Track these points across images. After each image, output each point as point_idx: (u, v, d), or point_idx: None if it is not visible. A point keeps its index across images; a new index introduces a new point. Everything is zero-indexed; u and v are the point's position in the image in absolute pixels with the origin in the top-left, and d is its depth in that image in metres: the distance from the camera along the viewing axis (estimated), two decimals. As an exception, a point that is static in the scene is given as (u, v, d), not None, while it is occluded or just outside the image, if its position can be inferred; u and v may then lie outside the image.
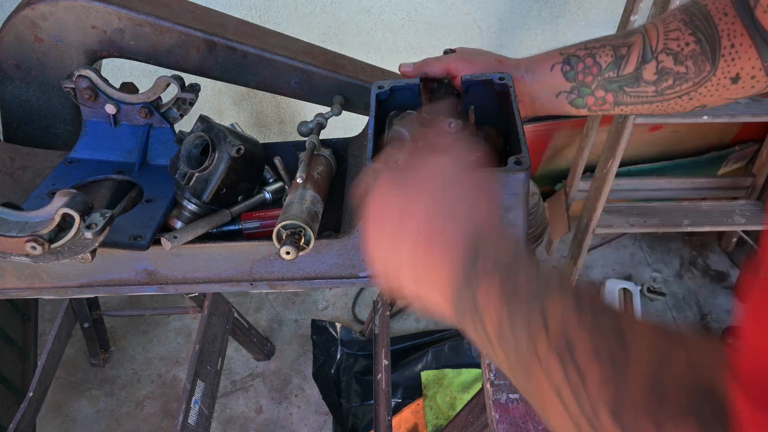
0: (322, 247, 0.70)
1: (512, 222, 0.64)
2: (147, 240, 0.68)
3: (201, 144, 0.74)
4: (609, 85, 0.67)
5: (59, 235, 0.59)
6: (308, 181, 0.70)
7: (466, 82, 0.71)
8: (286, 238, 0.62)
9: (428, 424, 1.72)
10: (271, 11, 1.66)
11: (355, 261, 0.71)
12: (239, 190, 0.76)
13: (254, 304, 2.11)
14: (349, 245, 0.69)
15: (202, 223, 0.72)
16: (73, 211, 0.58)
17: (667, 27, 0.64)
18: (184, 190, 0.73)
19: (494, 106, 0.73)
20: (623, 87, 0.66)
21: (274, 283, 0.74)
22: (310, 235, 0.64)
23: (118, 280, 0.76)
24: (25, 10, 0.80)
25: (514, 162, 0.60)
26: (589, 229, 1.77)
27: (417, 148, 0.51)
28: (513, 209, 0.63)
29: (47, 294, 0.78)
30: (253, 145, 0.76)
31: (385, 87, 0.72)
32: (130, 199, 0.78)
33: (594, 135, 1.80)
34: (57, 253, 0.60)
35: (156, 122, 0.81)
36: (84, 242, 0.60)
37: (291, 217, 0.63)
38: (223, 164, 0.71)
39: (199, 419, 1.29)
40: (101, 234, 0.59)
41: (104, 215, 0.60)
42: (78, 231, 0.59)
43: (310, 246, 0.64)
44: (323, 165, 0.76)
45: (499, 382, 0.75)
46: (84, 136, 0.83)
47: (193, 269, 0.74)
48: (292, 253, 0.62)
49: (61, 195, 0.59)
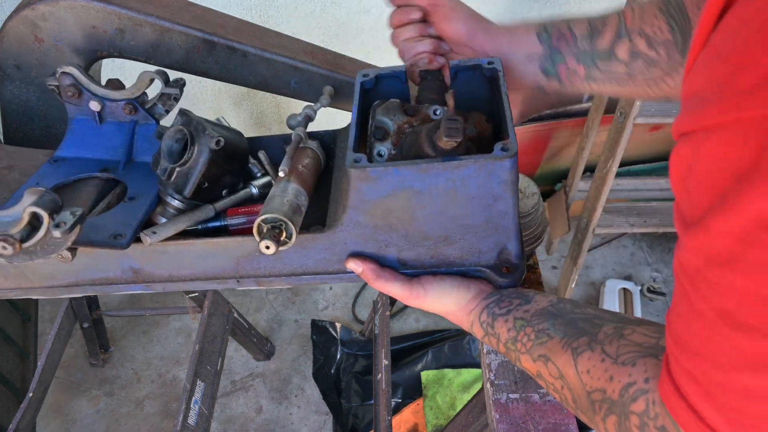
0: (307, 242, 0.69)
1: (502, 211, 0.62)
2: (127, 239, 0.67)
3: (182, 138, 0.73)
4: (582, 56, 0.66)
5: (31, 234, 0.58)
6: (292, 174, 0.69)
7: (454, 67, 0.69)
8: (267, 232, 0.61)
9: (428, 424, 1.72)
10: (271, 11, 1.66)
11: (342, 255, 0.69)
12: (223, 184, 0.75)
13: (254, 304, 2.11)
14: (335, 239, 0.67)
15: (183, 218, 0.71)
16: (40, 209, 0.56)
17: (643, 10, 0.64)
18: (166, 187, 0.72)
19: (483, 92, 0.71)
20: (595, 61, 0.66)
21: (261, 280, 0.73)
22: (291, 229, 0.62)
23: (104, 279, 0.75)
24: (25, 11, 0.80)
25: (500, 148, 0.58)
26: (589, 229, 1.77)
27: None
28: (502, 198, 0.61)
29: (35, 294, 0.78)
30: (235, 136, 0.75)
31: (370, 75, 0.70)
32: (114, 197, 0.77)
33: (594, 135, 1.80)
34: (30, 253, 0.59)
35: (141, 119, 0.80)
36: (55, 242, 0.59)
37: (270, 211, 0.62)
38: (203, 157, 0.70)
39: (199, 419, 1.29)
40: (71, 233, 0.58)
41: (74, 213, 0.58)
42: (48, 230, 0.57)
43: (293, 240, 0.63)
44: (309, 158, 0.75)
45: (499, 382, 0.75)
46: (69, 134, 0.82)
47: (179, 267, 0.73)
48: (271, 248, 0.60)
49: (30, 193, 0.57)
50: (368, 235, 0.66)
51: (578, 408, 0.51)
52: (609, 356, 0.47)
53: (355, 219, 0.65)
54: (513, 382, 0.75)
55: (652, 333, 0.47)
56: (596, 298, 2.04)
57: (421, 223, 0.64)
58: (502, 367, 0.76)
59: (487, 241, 0.65)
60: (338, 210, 0.67)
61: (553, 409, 0.72)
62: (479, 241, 0.65)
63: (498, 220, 0.63)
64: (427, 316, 2.04)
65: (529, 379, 0.75)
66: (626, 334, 0.48)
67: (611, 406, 0.45)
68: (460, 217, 0.63)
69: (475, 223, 0.64)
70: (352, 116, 0.66)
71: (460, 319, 0.66)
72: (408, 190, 0.60)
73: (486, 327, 0.62)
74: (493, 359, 0.77)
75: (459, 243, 0.66)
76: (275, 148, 0.81)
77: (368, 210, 0.63)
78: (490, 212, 0.62)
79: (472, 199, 0.61)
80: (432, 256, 0.67)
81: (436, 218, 0.63)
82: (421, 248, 0.67)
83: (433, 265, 0.68)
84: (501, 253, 0.66)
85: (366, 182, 0.60)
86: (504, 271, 0.66)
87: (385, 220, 0.64)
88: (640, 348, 0.46)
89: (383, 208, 0.63)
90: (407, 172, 0.59)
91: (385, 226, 0.65)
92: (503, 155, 0.57)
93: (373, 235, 0.66)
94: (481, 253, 0.66)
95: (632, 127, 1.51)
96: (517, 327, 0.58)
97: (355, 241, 0.67)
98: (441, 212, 0.63)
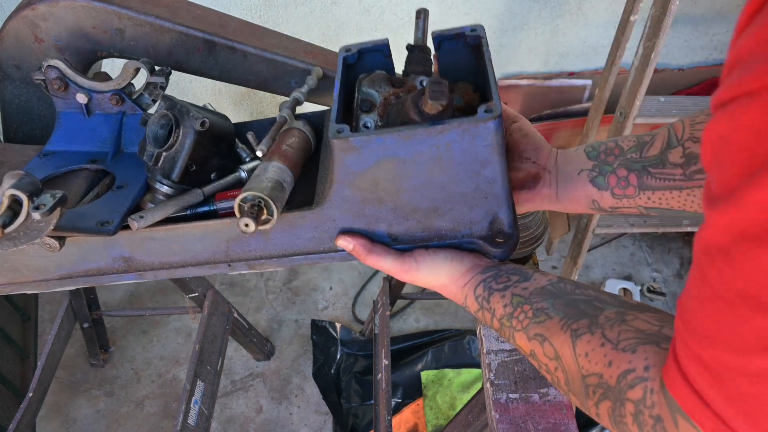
0: (296, 221, 0.68)
1: (490, 178, 0.61)
2: (114, 225, 0.67)
3: (167, 123, 0.73)
4: (632, 164, 0.64)
5: (13, 219, 0.57)
6: (276, 153, 0.69)
7: (438, 37, 0.68)
8: (246, 210, 0.60)
9: (428, 424, 1.72)
10: (271, 11, 1.67)
11: (332, 233, 0.68)
12: (211, 167, 0.74)
13: (254, 304, 2.11)
14: (323, 216, 0.67)
15: (171, 202, 0.70)
16: (20, 192, 0.56)
17: (694, 120, 0.62)
18: (154, 172, 0.71)
19: (468, 61, 0.69)
20: (647, 168, 0.63)
21: (252, 263, 0.72)
22: (272, 207, 0.61)
23: (96, 270, 0.75)
24: (25, 11, 0.80)
25: (484, 110, 0.56)
26: (589, 229, 1.77)
27: None
28: (489, 163, 0.59)
29: (29, 288, 0.78)
30: (220, 118, 0.75)
31: (353, 50, 0.69)
32: (103, 187, 0.77)
33: (594, 135, 1.80)
34: (13, 239, 0.58)
35: (128, 109, 0.80)
36: (37, 225, 0.58)
37: (250, 189, 0.61)
38: (188, 140, 0.70)
39: (199, 419, 1.29)
40: (51, 214, 0.57)
41: (54, 196, 0.58)
42: (28, 213, 0.57)
43: (274, 218, 0.62)
44: (296, 137, 0.74)
45: (499, 382, 0.75)
46: (58, 127, 0.82)
47: (169, 253, 0.73)
48: (251, 226, 0.59)
49: (9, 177, 0.57)
50: (356, 211, 0.65)
51: (570, 390, 0.51)
52: (609, 341, 0.47)
53: (342, 193, 0.64)
54: (513, 382, 0.75)
55: (654, 321, 0.47)
56: (596, 298, 2.05)
57: (408, 195, 0.63)
58: (502, 367, 0.76)
59: (477, 211, 0.64)
60: (325, 186, 0.66)
61: (553, 409, 0.72)
62: (469, 210, 0.64)
63: (487, 187, 0.62)
64: (427, 316, 2.04)
65: (529, 379, 0.75)
66: (628, 320, 0.47)
67: (607, 391, 0.45)
68: (447, 186, 0.62)
69: (464, 191, 0.62)
70: (335, 90, 0.65)
71: (454, 292, 0.65)
72: (393, 159, 0.59)
73: (481, 301, 0.61)
74: (493, 359, 0.77)
75: (449, 214, 0.64)
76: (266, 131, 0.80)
77: (354, 183, 0.62)
78: (478, 179, 0.61)
79: (458, 165, 0.60)
80: (423, 229, 0.66)
81: (424, 188, 0.62)
82: (411, 221, 0.65)
83: (425, 238, 0.67)
84: (493, 223, 0.65)
85: (350, 153, 0.59)
86: (497, 242, 0.65)
87: (373, 193, 0.63)
88: (642, 335, 0.45)
89: (369, 180, 0.62)
90: (390, 140, 0.58)
91: (373, 200, 0.64)
92: (487, 117, 0.56)
93: (361, 210, 0.65)
94: (473, 224, 0.65)
95: (632, 127, 1.51)
96: (515, 303, 0.57)
97: (344, 217, 0.66)
98: (428, 181, 0.61)
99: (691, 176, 0.61)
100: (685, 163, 0.61)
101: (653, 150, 0.64)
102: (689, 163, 0.61)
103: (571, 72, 1.92)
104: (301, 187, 0.73)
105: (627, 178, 0.65)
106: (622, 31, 1.53)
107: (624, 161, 0.65)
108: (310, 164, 0.76)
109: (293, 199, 0.72)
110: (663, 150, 0.63)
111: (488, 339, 0.79)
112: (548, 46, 1.85)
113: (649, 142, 0.64)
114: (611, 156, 0.67)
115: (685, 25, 1.82)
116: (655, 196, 0.64)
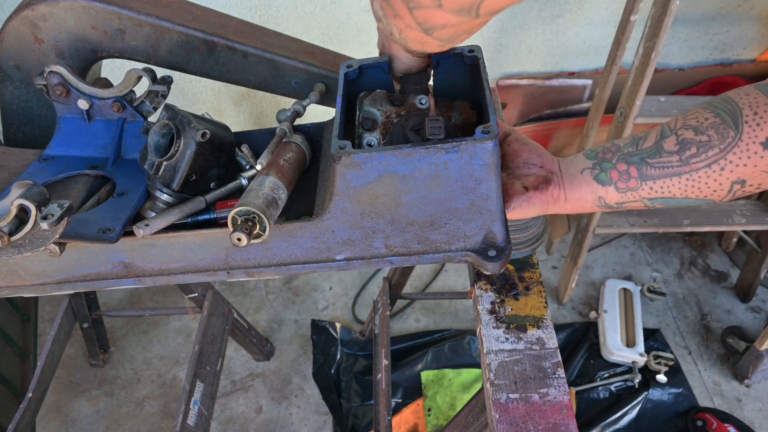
0: (295, 231, 0.69)
1: (485, 195, 0.64)
2: (116, 233, 0.67)
3: (168, 133, 0.74)
4: (630, 158, 0.67)
5: (19, 227, 0.58)
6: (272, 167, 0.70)
7: (436, 56, 0.71)
8: (239, 225, 0.62)
9: (428, 424, 1.72)
10: (271, 11, 1.67)
11: (330, 243, 0.70)
12: (210, 176, 0.75)
13: (254, 304, 2.11)
14: (322, 227, 0.68)
15: (175, 210, 0.71)
16: (28, 202, 0.57)
17: (686, 114, 0.64)
18: (155, 181, 0.72)
19: (465, 79, 0.72)
20: (645, 159, 0.65)
21: (251, 271, 0.74)
22: (265, 222, 0.63)
23: (95, 275, 0.76)
24: (25, 11, 0.80)
25: (481, 131, 0.60)
26: (589, 229, 1.77)
27: None
28: (485, 181, 0.63)
29: (26, 292, 0.78)
30: (220, 129, 0.75)
31: (354, 66, 0.72)
32: (104, 193, 0.77)
33: (594, 135, 1.80)
34: (18, 246, 0.59)
35: (129, 116, 0.81)
36: (43, 234, 0.59)
37: (244, 204, 0.62)
38: (189, 150, 0.70)
39: (199, 420, 1.29)
40: (58, 224, 0.58)
41: (62, 206, 0.59)
42: (35, 223, 0.58)
43: (266, 233, 0.63)
44: (293, 152, 0.75)
45: (499, 382, 0.75)
46: (58, 132, 0.82)
47: (169, 260, 0.74)
48: (243, 240, 0.61)
49: (18, 186, 0.58)
50: (355, 222, 0.67)
51: None
52: None
53: (342, 206, 0.66)
54: (513, 382, 0.75)
55: None
56: (596, 298, 2.05)
57: (406, 209, 0.65)
58: (502, 367, 0.76)
59: (472, 225, 0.67)
60: (325, 198, 0.68)
61: (553, 409, 0.72)
62: (465, 225, 0.67)
63: (482, 203, 0.65)
64: (427, 316, 2.04)
65: (528, 379, 0.75)
66: None
67: None
68: (444, 201, 0.65)
69: (460, 207, 0.65)
70: (337, 104, 0.68)
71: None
72: (393, 174, 0.62)
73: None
74: (493, 359, 0.77)
75: (445, 227, 0.67)
76: (264, 142, 0.81)
77: (354, 196, 0.64)
78: (473, 195, 0.64)
79: (455, 182, 0.63)
80: (418, 241, 0.69)
81: (421, 203, 0.65)
82: (408, 234, 0.68)
83: (420, 250, 0.70)
84: (487, 237, 0.68)
85: (351, 168, 0.62)
86: (490, 255, 0.68)
87: (372, 206, 0.65)
88: None
89: (369, 194, 0.64)
90: (392, 157, 0.60)
91: (372, 213, 0.66)
92: (484, 138, 0.59)
93: (359, 222, 0.67)
94: (467, 237, 0.68)
95: (632, 127, 1.51)
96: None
97: (343, 229, 0.68)
98: (425, 197, 0.64)
99: (688, 161, 0.62)
100: (680, 149, 0.63)
101: (648, 142, 0.66)
102: (684, 149, 0.63)
103: (571, 72, 1.92)
104: (299, 196, 0.75)
105: (628, 171, 0.67)
106: (623, 30, 1.53)
107: (622, 156, 0.68)
108: (308, 174, 0.77)
109: (292, 207, 0.74)
110: (657, 141, 0.65)
111: (488, 339, 0.79)
112: (548, 46, 1.85)
113: (644, 137, 0.67)
114: (609, 153, 0.69)
115: (685, 25, 1.82)
116: (656, 185, 0.65)
